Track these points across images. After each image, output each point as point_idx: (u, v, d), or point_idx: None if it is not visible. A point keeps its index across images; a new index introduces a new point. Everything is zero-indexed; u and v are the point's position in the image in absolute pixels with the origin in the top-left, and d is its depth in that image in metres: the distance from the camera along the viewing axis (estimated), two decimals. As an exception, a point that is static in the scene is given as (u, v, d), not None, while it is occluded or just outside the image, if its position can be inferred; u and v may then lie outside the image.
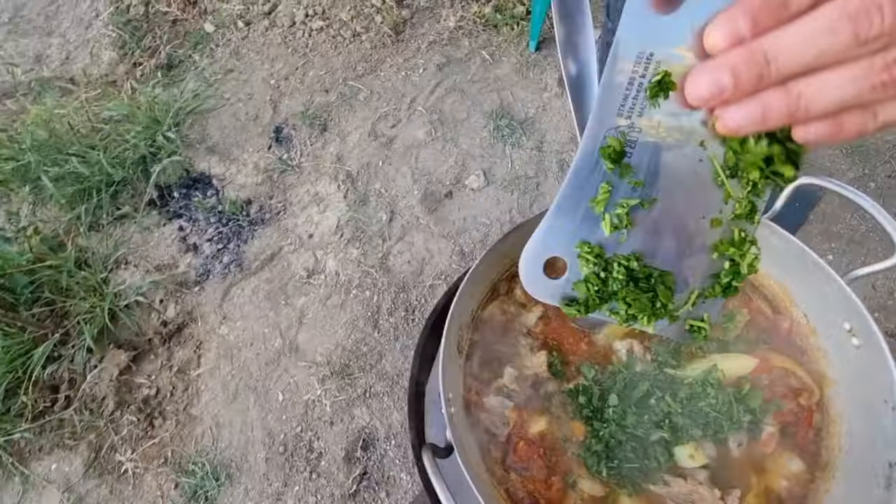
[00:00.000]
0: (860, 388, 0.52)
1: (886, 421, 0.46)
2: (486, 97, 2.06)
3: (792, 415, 0.56)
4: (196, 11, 2.69)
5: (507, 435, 0.57)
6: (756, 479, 0.54)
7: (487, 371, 0.61)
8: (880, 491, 0.44)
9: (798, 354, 0.58)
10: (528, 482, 0.55)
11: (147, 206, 2.06)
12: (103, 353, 1.77)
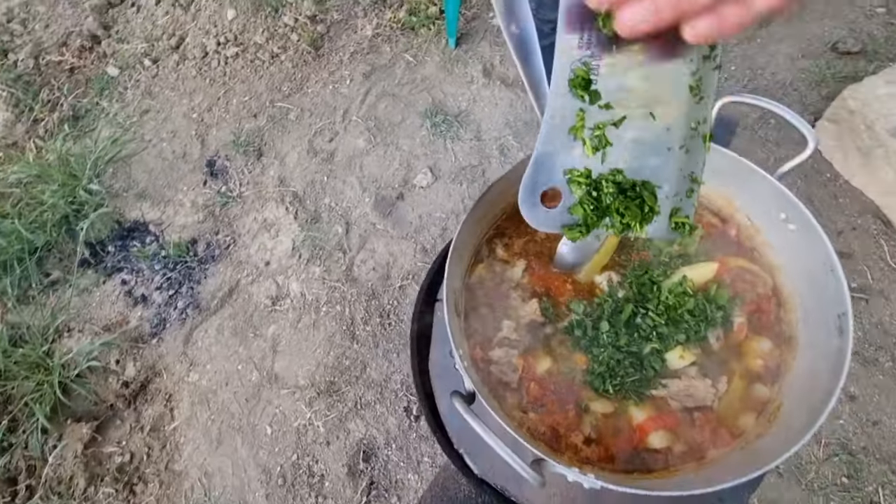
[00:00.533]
0: (802, 264, 0.60)
1: (828, 282, 0.55)
2: (418, 97, 2.10)
3: (754, 304, 0.64)
4: (94, 56, 2.53)
5: (518, 380, 0.61)
6: (737, 364, 0.61)
7: (487, 327, 0.65)
8: (836, 340, 0.52)
9: (749, 253, 0.67)
10: (546, 417, 0.59)
11: (80, 267, 1.91)
12: (61, 430, 1.62)
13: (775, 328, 0.63)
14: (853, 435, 1.34)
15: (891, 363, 1.41)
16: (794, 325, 0.62)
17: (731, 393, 0.60)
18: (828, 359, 0.54)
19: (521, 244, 0.70)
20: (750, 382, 0.60)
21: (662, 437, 0.58)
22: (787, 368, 0.60)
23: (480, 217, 0.65)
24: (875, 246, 1.56)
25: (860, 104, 1.51)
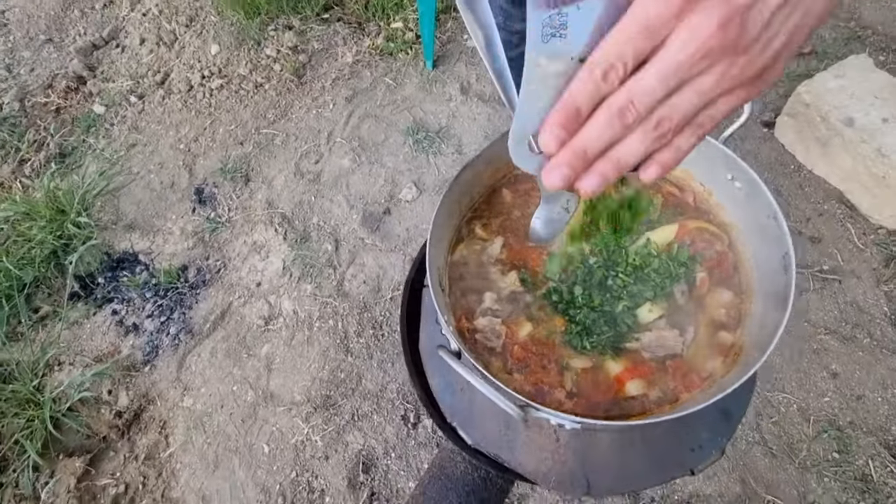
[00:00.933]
0: (750, 218, 0.66)
1: (772, 228, 0.60)
2: (399, 117, 2.18)
3: (713, 260, 0.69)
4: (80, 96, 2.58)
5: (503, 345, 0.65)
6: (701, 315, 0.66)
7: (471, 300, 0.69)
8: (783, 277, 0.56)
9: (705, 215, 0.72)
10: (530, 376, 0.62)
11: (70, 300, 1.91)
12: (53, 466, 1.59)
13: (734, 279, 0.68)
14: (839, 411, 1.38)
15: (868, 339, 1.46)
16: (750, 273, 0.67)
17: (698, 341, 0.64)
18: (777, 296, 0.58)
19: (498, 223, 0.75)
20: (714, 330, 0.65)
21: (638, 385, 0.62)
22: (747, 313, 0.64)
23: (457, 199, 0.71)
24: (842, 229, 1.63)
25: (814, 97, 1.61)
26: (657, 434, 0.66)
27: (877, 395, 1.38)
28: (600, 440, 0.64)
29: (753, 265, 0.66)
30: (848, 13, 2.06)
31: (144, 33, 2.63)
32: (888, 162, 1.45)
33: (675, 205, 0.74)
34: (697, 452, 0.64)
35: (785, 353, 1.48)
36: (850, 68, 1.60)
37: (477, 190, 0.75)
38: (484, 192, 0.76)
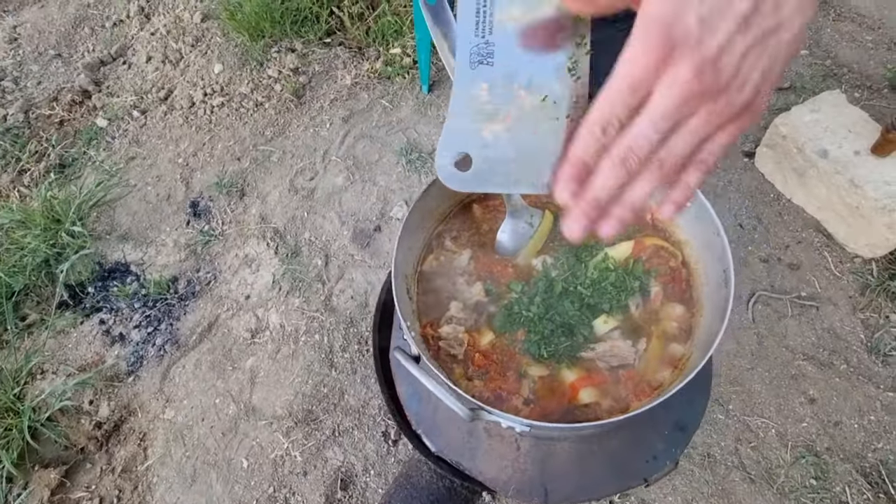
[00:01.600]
0: (699, 235, 0.69)
1: (716, 245, 0.63)
2: (394, 138, 2.24)
3: (668, 276, 0.72)
4: (84, 110, 2.65)
5: (465, 352, 0.67)
6: (654, 327, 0.68)
7: (436, 309, 0.71)
8: (724, 290, 0.59)
9: (661, 233, 0.76)
10: (489, 383, 0.64)
11: (59, 309, 1.92)
12: (27, 477, 1.57)
13: (686, 294, 0.71)
14: (817, 436, 1.39)
15: (845, 365, 1.48)
16: (700, 288, 0.70)
17: (649, 352, 0.66)
18: (718, 308, 0.61)
19: (467, 237, 0.78)
20: (666, 342, 0.67)
21: (591, 393, 0.64)
22: (696, 326, 0.67)
23: (428, 210, 0.75)
24: (819, 257, 1.67)
25: (790, 130, 1.67)
26: (614, 444, 0.67)
27: (853, 421, 1.39)
28: (559, 449, 0.66)
29: (703, 280, 0.69)
30: (825, 52, 2.16)
31: (151, 51, 2.72)
32: (861, 192, 1.50)
33: (634, 222, 0.78)
34: (652, 463, 0.66)
35: (765, 377, 1.49)
36: (825, 103, 1.68)
37: (448, 204, 0.78)
38: (454, 207, 0.79)
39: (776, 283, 1.64)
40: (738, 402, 1.46)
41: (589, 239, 0.75)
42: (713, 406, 1.46)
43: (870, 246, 1.58)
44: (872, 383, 1.44)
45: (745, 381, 1.49)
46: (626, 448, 0.67)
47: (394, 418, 0.70)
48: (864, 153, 1.54)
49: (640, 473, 0.65)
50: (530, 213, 0.73)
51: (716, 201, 1.84)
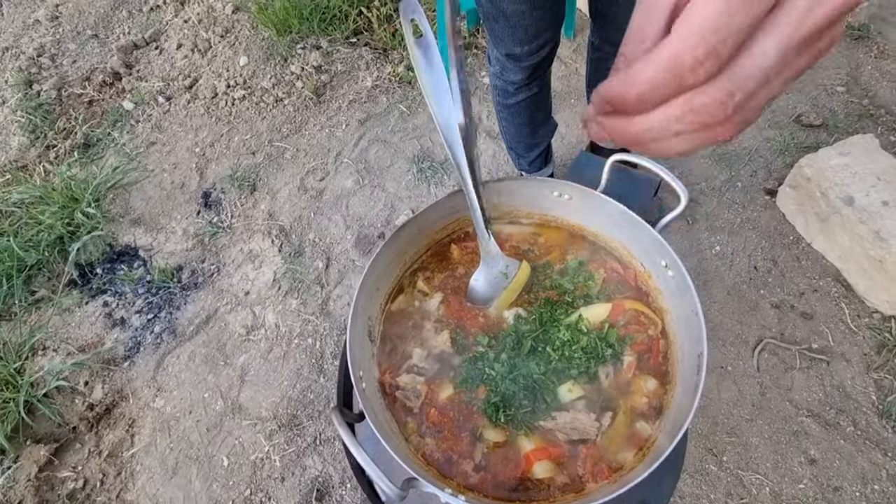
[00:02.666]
0: (679, 308, 0.65)
1: (693, 325, 0.59)
2: (408, 144, 2.23)
3: (644, 345, 0.68)
4: (113, 92, 2.71)
5: (421, 405, 0.64)
6: (623, 401, 0.64)
7: (398, 355, 0.69)
8: (695, 377, 0.55)
9: (644, 297, 0.72)
10: (442, 442, 0.61)
11: (67, 287, 1.97)
12: (19, 451, 1.61)
13: (662, 368, 0.66)
14: (813, 500, 1.31)
15: (852, 427, 1.40)
16: (675, 365, 0.65)
17: (614, 428, 0.62)
18: (688, 394, 0.57)
19: (441, 279, 0.75)
20: (633, 419, 0.63)
21: (546, 467, 0.60)
22: (667, 406, 0.63)
23: (400, 250, 0.72)
24: (836, 308, 1.59)
25: (815, 172, 1.59)
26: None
27: (855, 488, 1.32)
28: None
29: (679, 356, 0.65)
30: (863, 90, 2.05)
31: (182, 39, 2.77)
32: (886, 246, 1.41)
33: (616, 281, 0.73)
34: None
35: (764, 431, 1.42)
36: (855, 147, 1.59)
37: (424, 242, 0.76)
38: (432, 245, 0.77)
39: (786, 331, 1.57)
40: (732, 454, 1.40)
41: (565, 296, 0.71)
42: (706, 456, 1.40)
43: (891, 302, 1.49)
44: (880, 449, 1.36)
45: (743, 433, 1.42)
46: (583, 527, 0.63)
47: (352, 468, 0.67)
48: (894, 204, 1.46)
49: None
50: (506, 263, 0.71)
51: (730, 238, 1.77)
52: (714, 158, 2.00)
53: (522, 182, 0.76)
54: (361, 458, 0.46)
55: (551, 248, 0.77)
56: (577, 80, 2.35)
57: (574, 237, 0.77)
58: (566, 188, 0.72)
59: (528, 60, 1.32)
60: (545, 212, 0.77)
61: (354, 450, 0.47)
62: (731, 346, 1.56)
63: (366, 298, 0.65)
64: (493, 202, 0.75)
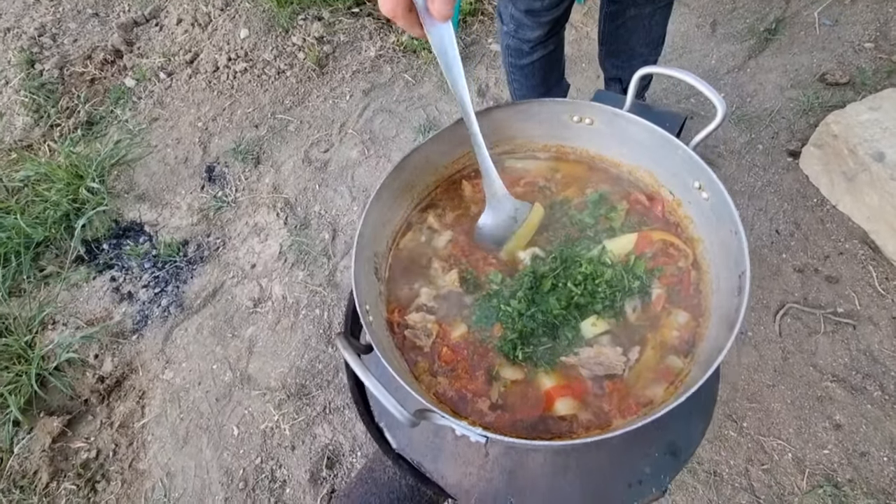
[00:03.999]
0: (715, 232, 0.60)
1: (733, 244, 0.54)
2: (413, 114, 2.16)
3: (675, 277, 0.63)
4: (115, 69, 2.67)
5: (432, 344, 0.60)
6: (652, 335, 0.60)
7: (406, 293, 0.64)
8: (735, 299, 0.50)
9: (673, 228, 0.66)
10: (455, 381, 0.58)
11: (74, 263, 1.96)
12: (33, 423, 1.62)
13: (693, 300, 0.62)
14: (839, 466, 1.27)
15: (880, 392, 1.34)
16: (709, 295, 0.61)
17: (643, 363, 0.58)
18: (728, 319, 0.52)
19: (453, 216, 0.71)
20: (664, 353, 0.59)
21: (569, 404, 0.56)
22: (700, 338, 0.58)
23: (407, 183, 0.68)
24: (863, 271, 1.52)
25: (843, 129, 1.51)
26: (593, 463, 0.59)
27: (883, 453, 1.27)
28: (531, 461, 0.59)
29: (714, 286, 0.60)
30: (892, 46, 1.94)
31: (182, 14, 2.71)
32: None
33: (641, 213, 0.68)
34: (636, 488, 0.58)
35: (786, 396, 1.38)
36: (887, 101, 1.50)
37: (433, 177, 0.71)
38: (441, 181, 0.72)
39: (810, 295, 1.50)
40: (753, 419, 1.35)
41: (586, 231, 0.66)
42: (725, 422, 1.36)
43: (923, 263, 1.42)
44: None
45: (765, 399, 1.37)
46: (606, 468, 0.59)
47: (356, 407, 0.65)
48: (929, 159, 1.38)
49: (619, 498, 0.57)
50: (515, 206, 0.65)
51: (750, 202, 1.70)
52: (733, 121, 1.92)
53: (539, 105, 0.69)
54: (370, 382, 0.43)
55: (569, 184, 0.72)
56: (589, 45, 2.25)
57: (593, 170, 0.72)
58: (587, 110, 0.66)
59: (547, 15, 1.25)
60: (563, 142, 0.72)
61: (361, 373, 0.44)
62: (751, 311, 1.51)
63: (371, 231, 0.61)
64: (506, 134, 0.70)
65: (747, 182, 1.76)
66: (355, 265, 0.55)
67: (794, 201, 1.67)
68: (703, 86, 0.54)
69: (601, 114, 0.65)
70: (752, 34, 2.12)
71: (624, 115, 0.63)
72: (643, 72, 0.62)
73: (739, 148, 1.83)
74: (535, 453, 0.60)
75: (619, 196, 0.70)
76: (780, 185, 1.73)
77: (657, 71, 0.61)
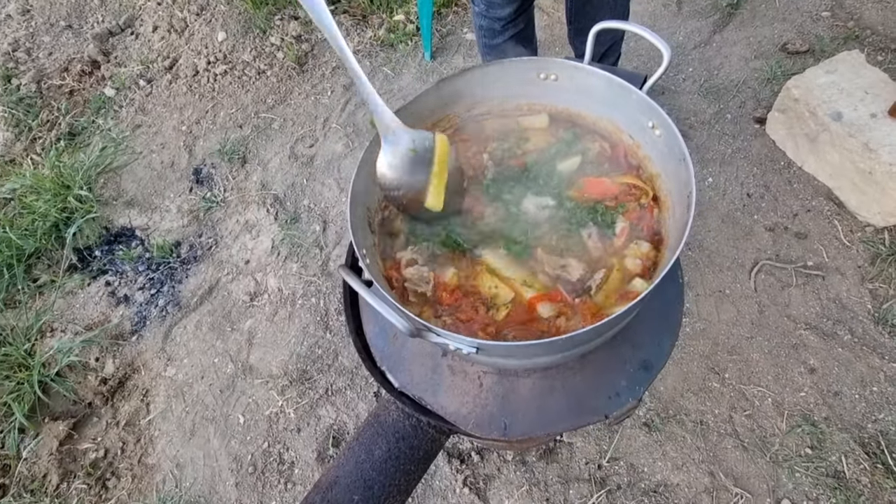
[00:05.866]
0: (669, 163, 0.66)
1: (681, 170, 0.60)
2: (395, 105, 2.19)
3: (636, 213, 0.69)
4: (93, 80, 2.67)
5: (433, 289, 0.66)
6: (617, 261, 0.66)
7: (396, 248, 0.70)
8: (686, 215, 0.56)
9: (635, 170, 0.73)
10: (461, 315, 0.63)
11: (67, 271, 1.97)
12: (38, 429, 1.64)
13: (654, 230, 0.68)
14: (815, 406, 1.35)
15: (850, 336, 1.43)
16: (668, 223, 0.67)
17: (609, 285, 0.64)
18: (678, 233, 0.58)
19: None
20: (628, 277, 0.65)
21: (549, 307, 0.63)
22: (661, 262, 0.64)
23: None
24: (829, 226, 1.61)
25: (803, 92, 1.59)
26: (576, 381, 0.66)
27: (854, 391, 1.35)
28: (521, 386, 0.65)
29: (670, 213, 0.66)
30: (847, 13, 2.04)
31: (158, 21, 2.72)
32: (875, 157, 1.43)
33: (607, 160, 0.74)
34: (615, 399, 0.64)
35: (764, 347, 1.46)
36: (842, 63, 1.59)
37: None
38: None
39: (782, 252, 1.59)
40: (734, 370, 1.43)
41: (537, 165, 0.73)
42: (709, 374, 1.43)
43: (882, 214, 1.51)
44: (877, 354, 1.39)
45: (744, 350, 1.45)
46: (588, 385, 0.65)
47: (359, 354, 0.70)
48: (882, 116, 1.47)
49: (601, 410, 0.64)
50: (412, 137, 0.67)
51: (722, 169, 1.78)
52: (701, 93, 2.00)
53: (505, 66, 0.73)
54: (374, 301, 0.48)
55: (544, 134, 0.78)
56: (560, 29, 2.32)
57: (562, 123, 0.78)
58: (551, 66, 0.72)
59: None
60: (532, 100, 0.78)
61: (366, 294, 0.49)
62: (727, 270, 1.59)
63: (363, 186, 0.66)
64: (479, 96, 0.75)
65: (718, 150, 1.84)
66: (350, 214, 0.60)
67: (763, 165, 1.76)
68: (648, 34, 0.60)
69: (564, 69, 0.71)
70: (715, 10, 2.20)
71: (584, 67, 0.69)
72: (598, 27, 0.68)
73: (709, 119, 1.91)
74: (524, 378, 0.66)
75: (588, 141, 0.77)
76: (748, 151, 1.81)
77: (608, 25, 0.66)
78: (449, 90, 0.63)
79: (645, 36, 0.61)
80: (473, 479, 1.35)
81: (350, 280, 0.51)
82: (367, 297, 0.49)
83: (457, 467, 1.36)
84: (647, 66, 2.07)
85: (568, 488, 1.32)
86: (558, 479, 1.33)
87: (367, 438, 0.67)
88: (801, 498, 1.25)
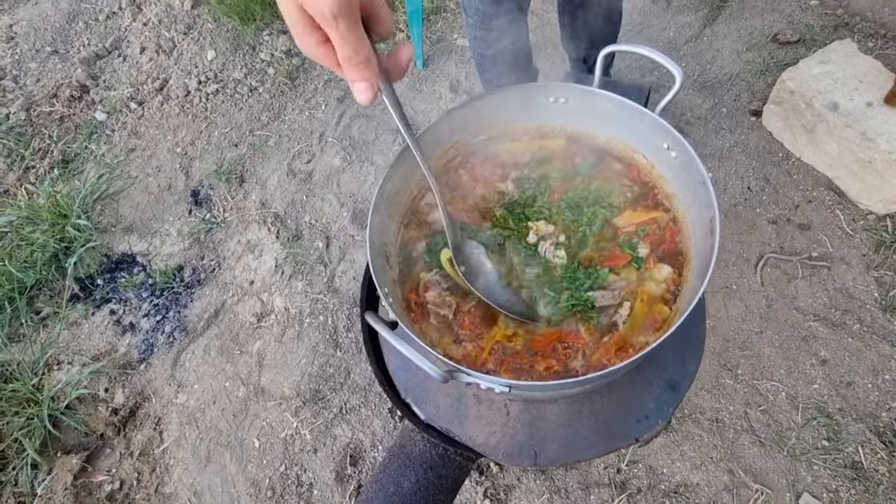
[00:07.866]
0: (686, 185, 0.66)
1: (702, 193, 0.60)
2: (390, 116, 2.20)
3: (656, 235, 0.69)
4: (83, 104, 2.65)
5: (455, 313, 0.66)
6: (640, 290, 0.66)
7: (418, 275, 0.69)
8: (710, 240, 0.57)
9: (651, 190, 0.73)
10: (477, 342, 0.63)
11: (70, 301, 1.96)
12: (51, 464, 1.63)
13: (674, 253, 0.68)
14: (828, 398, 1.36)
15: (858, 325, 1.44)
16: (688, 244, 0.67)
17: (634, 315, 0.64)
18: (703, 259, 0.58)
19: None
20: (651, 304, 0.65)
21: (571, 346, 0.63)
22: (684, 284, 0.64)
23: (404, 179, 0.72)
24: (831, 216, 1.62)
25: (798, 84, 1.60)
26: (603, 406, 0.66)
27: (867, 381, 1.36)
28: (549, 412, 0.65)
29: (690, 235, 0.66)
30: (836, 1, 2.05)
31: (145, 42, 2.70)
32: (873, 146, 1.43)
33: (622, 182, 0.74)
34: (643, 422, 0.65)
35: (774, 341, 1.46)
36: (835, 53, 1.59)
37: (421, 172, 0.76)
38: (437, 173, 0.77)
39: (786, 244, 1.59)
40: (746, 366, 1.44)
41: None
42: (721, 371, 1.44)
43: (884, 201, 1.52)
44: (887, 342, 1.40)
45: (754, 345, 1.46)
46: (615, 409, 0.65)
47: (382, 387, 0.70)
48: (877, 104, 1.47)
49: (630, 433, 0.64)
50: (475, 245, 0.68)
51: (720, 163, 1.79)
52: (696, 88, 2.00)
53: (516, 91, 0.74)
54: (403, 348, 0.48)
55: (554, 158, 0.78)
56: (551, 30, 2.32)
57: (574, 143, 0.78)
58: (561, 90, 0.72)
59: (509, 2, 1.30)
60: (542, 122, 0.78)
61: (394, 340, 0.49)
62: (733, 265, 1.59)
63: (379, 223, 0.66)
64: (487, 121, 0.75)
65: (716, 145, 1.84)
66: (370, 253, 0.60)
67: (762, 158, 1.76)
68: (661, 57, 0.60)
69: (574, 93, 0.71)
70: (704, 4, 2.21)
71: (595, 91, 0.69)
72: (607, 50, 0.68)
73: (705, 113, 1.92)
74: (551, 405, 0.65)
75: (605, 170, 0.77)
76: (746, 144, 1.81)
77: (619, 48, 0.66)
78: (459, 118, 0.63)
79: (657, 59, 0.61)
80: (494, 491, 1.35)
81: (379, 328, 0.51)
82: (394, 343, 0.49)
83: (476, 479, 1.36)
84: (641, 63, 2.07)
85: (589, 494, 1.32)
86: (578, 485, 1.33)
87: (395, 470, 0.67)
88: (821, 491, 1.26)
